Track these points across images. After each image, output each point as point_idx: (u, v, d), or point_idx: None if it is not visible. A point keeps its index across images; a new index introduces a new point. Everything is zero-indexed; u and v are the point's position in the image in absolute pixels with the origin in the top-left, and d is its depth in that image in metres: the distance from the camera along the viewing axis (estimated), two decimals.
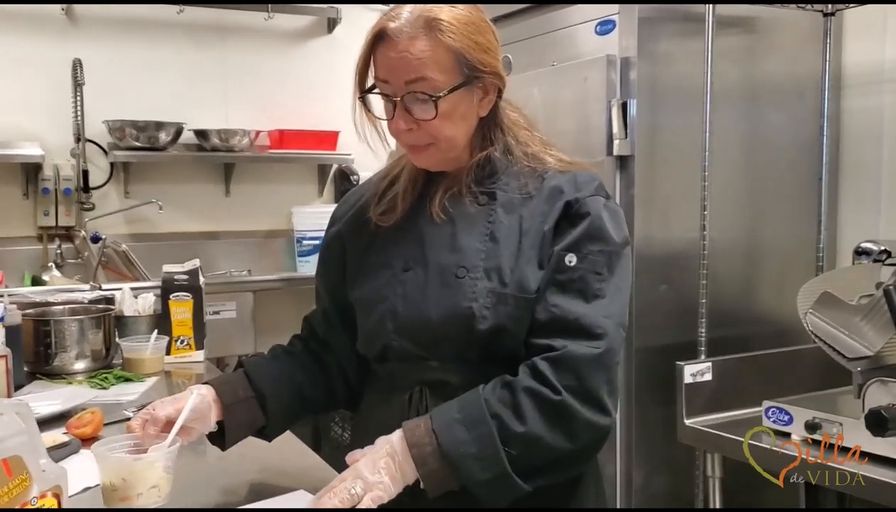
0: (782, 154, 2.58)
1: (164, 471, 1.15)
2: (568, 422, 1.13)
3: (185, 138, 3.93)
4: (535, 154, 1.29)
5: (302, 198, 4.35)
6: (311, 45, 4.35)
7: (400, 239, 1.29)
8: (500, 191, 1.25)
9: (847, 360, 1.76)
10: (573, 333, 1.15)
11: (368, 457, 1.14)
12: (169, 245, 3.87)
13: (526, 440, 1.11)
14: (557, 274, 1.18)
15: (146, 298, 2.28)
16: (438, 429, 1.11)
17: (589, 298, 1.17)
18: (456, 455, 1.10)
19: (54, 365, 2.04)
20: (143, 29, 3.95)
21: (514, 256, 1.20)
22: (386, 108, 1.26)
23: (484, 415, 1.12)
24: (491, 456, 1.10)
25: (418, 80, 1.18)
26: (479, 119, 1.26)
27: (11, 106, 3.68)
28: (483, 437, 1.11)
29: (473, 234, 1.23)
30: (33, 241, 3.77)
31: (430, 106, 1.19)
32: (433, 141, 1.23)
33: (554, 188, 1.23)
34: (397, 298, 1.25)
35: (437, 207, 1.26)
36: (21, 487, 0.97)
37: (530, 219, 1.22)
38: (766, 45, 2.55)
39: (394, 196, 1.33)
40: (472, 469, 1.10)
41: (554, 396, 1.12)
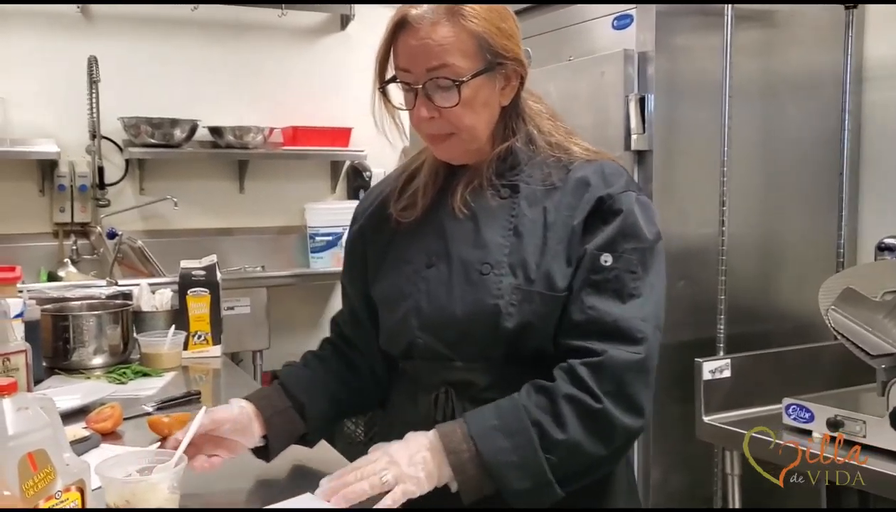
0: (801, 149, 2.56)
1: (169, 491, 1.12)
2: (607, 429, 1.12)
3: (199, 135, 3.94)
4: (559, 143, 1.26)
5: (315, 194, 4.35)
6: (324, 42, 4.35)
7: (421, 234, 1.28)
8: (523, 183, 1.23)
9: (871, 357, 1.74)
10: (612, 337, 1.14)
11: (404, 448, 1.12)
12: (184, 241, 3.88)
13: (566, 447, 1.10)
14: (593, 274, 1.16)
15: (163, 293, 2.28)
16: (477, 436, 1.10)
17: (625, 297, 1.15)
18: (496, 463, 1.08)
19: (73, 360, 2.04)
20: (158, 26, 3.96)
21: (540, 250, 1.18)
22: (406, 99, 1.24)
23: (524, 423, 1.11)
24: (532, 464, 1.09)
25: (441, 66, 1.16)
26: (500, 109, 1.24)
27: (27, 103, 3.70)
28: (524, 445, 1.09)
29: (496, 229, 1.21)
30: (49, 238, 3.79)
31: (452, 93, 1.17)
32: (454, 130, 1.20)
33: (580, 180, 1.21)
34: (420, 294, 1.23)
35: (458, 202, 1.24)
36: (46, 480, 0.96)
37: (555, 211, 1.20)
38: (785, 39, 2.53)
39: (414, 191, 1.31)
40: (512, 477, 1.09)
41: (595, 404, 1.11)
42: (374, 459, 1.11)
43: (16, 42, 3.70)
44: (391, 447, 1.12)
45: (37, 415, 0.97)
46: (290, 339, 4.23)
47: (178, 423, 1.51)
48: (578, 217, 1.18)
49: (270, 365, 3.96)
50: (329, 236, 4.19)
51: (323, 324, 4.44)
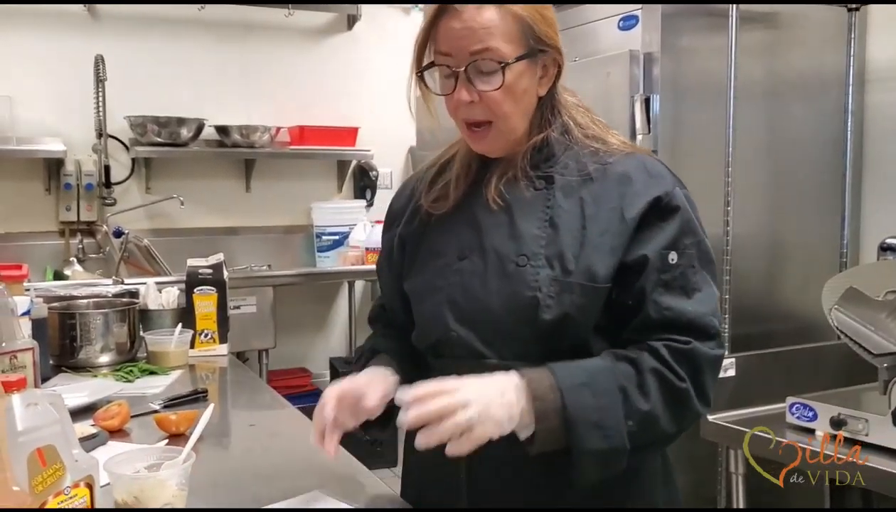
0: (805, 149, 2.56)
1: (177, 488, 1.13)
2: (684, 410, 1.14)
3: (206, 134, 3.96)
4: (596, 135, 1.25)
5: (321, 193, 4.37)
6: (331, 42, 4.36)
7: (453, 227, 1.26)
8: (558, 174, 1.21)
9: (873, 356, 1.74)
10: (691, 332, 1.15)
11: (491, 386, 1.08)
12: (190, 240, 3.90)
13: (645, 419, 1.11)
14: (662, 274, 1.15)
15: (170, 291, 2.29)
16: (565, 389, 1.08)
17: (689, 293, 1.16)
18: (579, 420, 1.08)
19: (80, 358, 2.05)
20: (165, 26, 3.98)
21: (578, 242, 1.16)
22: (444, 85, 1.22)
23: (611, 385, 1.11)
24: (613, 428, 1.09)
25: (485, 50, 1.15)
26: (537, 99, 1.23)
27: (34, 102, 3.72)
28: (609, 407, 1.09)
29: (531, 220, 1.19)
30: (55, 236, 3.81)
31: (494, 77, 1.16)
32: (492, 117, 1.19)
33: (622, 174, 1.19)
34: (454, 287, 1.21)
35: (492, 193, 1.22)
36: (55, 476, 0.97)
37: (594, 203, 1.18)
38: (789, 41, 2.54)
39: (446, 183, 1.29)
40: (590, 437, 1.08)
41: (679, 383, 1.13)
42: (456, 390, 1.06)
43: (23, 41, 3.72)
44: (476, 382, 1.08)
45: (46, 411, 0.99)
46: (296, 338, 4.25)
47: (186, 420, 1.52)
48: (630, 212, 1.16)
49: (276, 364, 3.98)
50: (335, 235, 4.20)
51: (329, 323, 4.46)
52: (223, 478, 1.36)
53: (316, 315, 4.41)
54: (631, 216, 1.16)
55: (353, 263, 4.09)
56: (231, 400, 1.93)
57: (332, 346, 4.43)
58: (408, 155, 4.51)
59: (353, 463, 1.44)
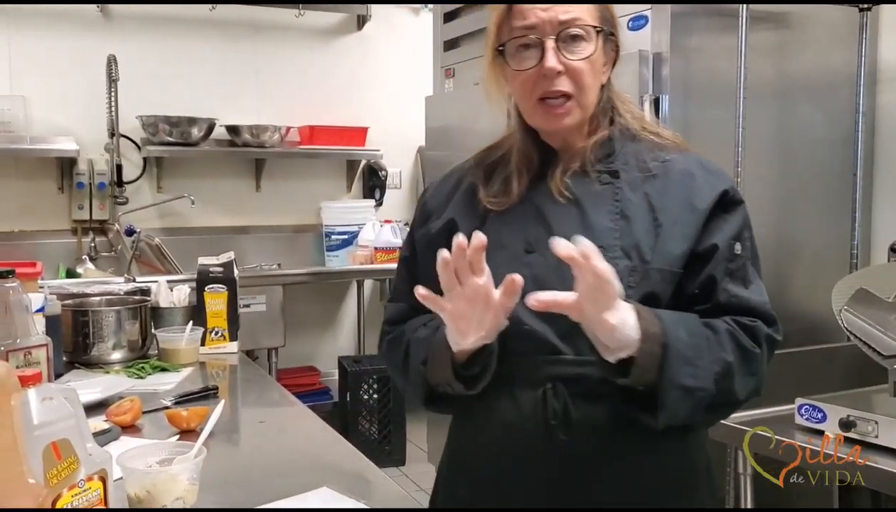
0: (815, 150, 2.56)
1: (188, 482, 1.14)
2: (754, 374, 1.18)
3: (216, 134, 3.98)
4: (651, 130, 1.28)
5: (331, 193, 4.39)
6: (341, 42, 4.38)
7: (515, 220, 1.24)
8: (621, 169, 1.24)
9: (883, 357, 1.74)
10: (755, 316, 1.20)
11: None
12: (200, 239, 3.92)
13: (727, 370, 1.14)
14: (729, 263, 1.20)
15: (181, 289, 2.31)
16: (665, 320, 1.11)
17: (746, 284, 1.21)
18: (675, 352, 1.10)
19: (92, 355, 2.07)
20: (177, 26, 4.01)
21: (651, 232, 1.19)
22: (524, 60, 1.20)
23: (702, 329, 1.14)
24: (702, 367, 1.12)
25: (574, 19, 1.18)
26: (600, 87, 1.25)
27: (47, 101, 3.75)
28: (699, 347, 1.12)
29: (603, 213, 1.21)
30: (68, 235, 3.84)
31: (583, 45, 1.19)
32: (574, 91, 1.19)
33: (683, 170, 1.23)
34: (525, 280, 1.16)
35: (559, 186, 1.23)
36: (69, 469, 0.99)
37: (660, 196, 1.21)
38: (800, 41, 2.53)
39: (505, 178, 1.27)
40: (682, 371, 1.10)
41: (753, 348, 1.17)
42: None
43: (37, 42, 3.75)
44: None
45: (61, 405, 1.00)
46: (305, 337, 4.27)
47: (197, 416, 1.54)
48: (700, 203, 1.20)
49: (285, 363, 3.99)
50: (344, 235, 4.22)
51: (338, 322, 4.48)
52: (233, 474, 1.38)
53: (325, 314, 4.43)
54: (702, 207, 1.20)
55: (362, 262, 4.10)
56: (241, 397, 1.95)
57: (340, 345, 4.44)
58: (417, 155, 4.52)
59: (361, 460, 1.45)
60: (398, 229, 4.15)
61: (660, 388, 1.10)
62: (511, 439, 1.21)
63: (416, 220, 1.38)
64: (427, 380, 1.23)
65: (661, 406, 1.11)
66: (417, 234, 1.35)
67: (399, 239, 4.11)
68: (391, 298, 1.40)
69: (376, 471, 1.40)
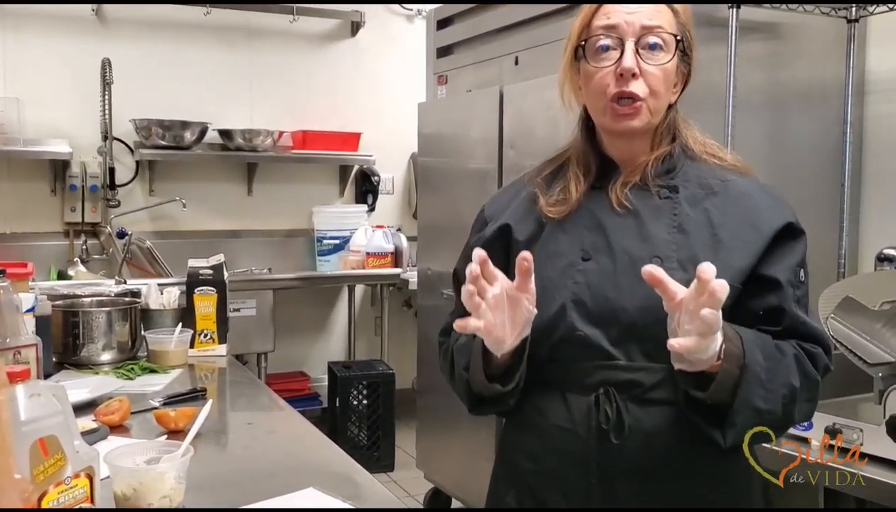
0: (805, 159, 2.58)
1: (175, 481, 1.15)
2: (810, 401, 1.20)
3: (209, 138, 3.99)
4: (712, 152, 1.31)
5: (323, 198, 4.40)
6: (335, 48, 4.40)
7: (572, 228, 1.26)
8: (682, 185, 1.26)
9: (868, 365, 1.75)
10: (817, 343, 1.22)
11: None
12: (192, 242, 3.92)
13: (791, 395, 1.15)
14: (796, 290, 1.22)
15: (171, 292, 2.32)
16: (745, 340, 1.13)
17: (807, 311, 1.25)
18: (752, 372, 1.12)
19: (82, 355, 2.07)
20: (171, 30, 4.01)
21: (711, 247, 1.20)
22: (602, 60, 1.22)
23: (775, 352, 1.16)
24: (773, 391, 1.14)
25: (656, 27, 1.21)
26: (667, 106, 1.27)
27: (41, 104, 3.75)
28: (773, 370, 1.14)
29: (661, 226, 1.22)
30: (60, 237, 3.84)
31: (660, 53, 1.21)
32: (646, 95, 1.21)
33: (744, 192, 1.26)
34: (580, 286, 1.20)
35: (619, 197, 1.24)
36: (56, 466, 0.99)
37: (721, 214, 1.23)
38: (790, 51, 2.55)
39: (564, 187, 1.29)
40: (755, 392, 1.12)
41: (815, 374, 1.19)
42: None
43: (31, 44, 3.76)
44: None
45: (49, 402, 1.00)
46: (295, 341, 4.27)
47: (185, 417, 1.54)
48: (764, 227, 1.22)
49: (275, 367, 3.99)
50: (336, 240, 4.22)
51: (328, 327, 4.48)
52: (220, 474, 1.38)
53: (315, 319, 4.43)
54: (765, 230, 1.22)
55: (354, 267, 4.11)
56: (229, 399, 1.95)
57: (331, 350, 4.44)
58: (409, 161, 4.53)
59: (349, 462, 1.45)
60: (390, 234, 4.16)
61: (733, 407, 1.12)
62: (563, 444, 1.22)
63: (473, 229, 1.39)
64: (471, 385, 1.25)
65: (732, 425, 1.13)
66: (473, 240, 1.35)
67: (391, 244, 4.12)
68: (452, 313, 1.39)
69: (364, 473, 1.40)
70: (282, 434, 1.64)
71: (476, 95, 3.01)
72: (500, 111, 2.84)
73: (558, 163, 1.34)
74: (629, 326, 1.18)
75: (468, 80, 3.12)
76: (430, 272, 3.29)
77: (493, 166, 2.87)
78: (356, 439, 3.79)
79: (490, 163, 2.89)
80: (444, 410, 3.15)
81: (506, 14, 2.91)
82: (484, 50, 3.04)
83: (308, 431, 1.64)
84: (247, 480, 1.36)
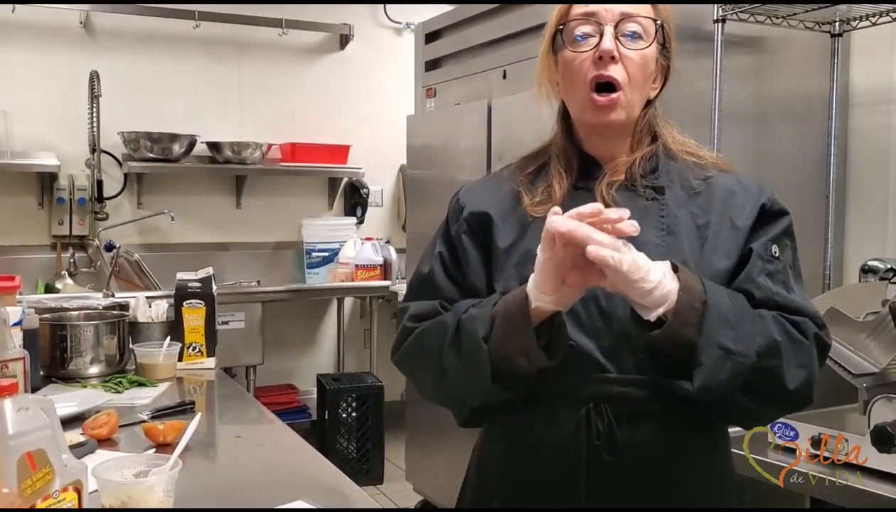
0: (790, 172, 2.60)
1: (164, 494, 1.14)
2: (801, 366, 1.14)
3: (198, 150, 3.99)
4: (691, 151, 1.30)
5: (312, 210, 4.40)
6: (323, 61, 4.41)
7: None
8: (666, 186, 1.25)
9: (853, 376, 1.77)
10: (802, 315, 1.18)
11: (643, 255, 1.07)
12: (180, 255, 3.92)
13: (770, 347, 1.11)
14: (767, 263, 1.20)
15: (159, 305, 2.31)
16: (708, 286, 1.11)
17: (789, 288, 1.20)
18: (716, 309, 1.09)
19: (69, 369, 2.06)
20: (160, 43, 4.02)
21: (697, 248, 1.20)
22: (580, 46, 1.22)
23: (747, 305, 1.14)
24: (743, 333, 1.10)
25: (635, 14, 1.20)
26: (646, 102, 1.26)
27: (29, 116, 3.74)
28: (742, 315, 1.12)
29: (649, 230, 1.20)
30: (47, 250, 3.83)
31: (639, 40, 1.20)
32: (624, 83, 1.20)
33: (726, 190, 1.25)
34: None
35: (606, 198, 1.21)
36: (44, 480, 0.99)
37: (704, 213, 1.23)
38: (775, 65, 2.58)
39: (547, 185, 1.27)
40: (721, 330, 1.08)
41: (801, 338, 1.15)
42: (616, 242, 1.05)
43: (19, 56, 3.75)
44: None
45: (37, 415, 1.00)
46: (284, 354, 4.26)
47: (173, 430, 1.54)
48: (741, 221, 1.22)
49: (264, 380, 3.98)
50: (325, 252, 4.22)
51: (318, 340, 4.47)
52: (209, 487, 1.38)
53: (304, 331, 4.42)
54: (743, 224, 1.22)
55: (343, 279, 4.10)
56: (218, 412, 1.95)
57: (320, 362, 4.43)
58: (399, 173, 4.54)
59: (338, 475, 1.45)
60: (379, 247, 4.16)
61: (698, 346, 1.08)
62: (548, 461, 1.19)
63: (449, 217, 1.34)
64: (492, 358, 1.13)
65: (698, 365, 1.08)
66: (453, 229, 1.31)
67: (380, 257, 4.13)
68: (410, 297, 1.34)
69: (353, 486, 1.40)
70: (270, 447, 1.64)
71: (464, 108, 3.03)
72: (488, 124, 2.86)
73: (540, 160, 1.32)
74: (621, 334, 1.16)
75: (457, 93, 3.14)
76: None
77: None
78: (345, 452, 3.78)
79: (478, 175, 2.88)
80: (433, 423, 3.15)
81: (493, 28, 2.94)
82: (472, 63, 3.06)
83: (297, 444, 1.64)
84: (235, 493, 1.36)
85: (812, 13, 2.30)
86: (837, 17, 2.39)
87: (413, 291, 1.34)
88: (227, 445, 1.69)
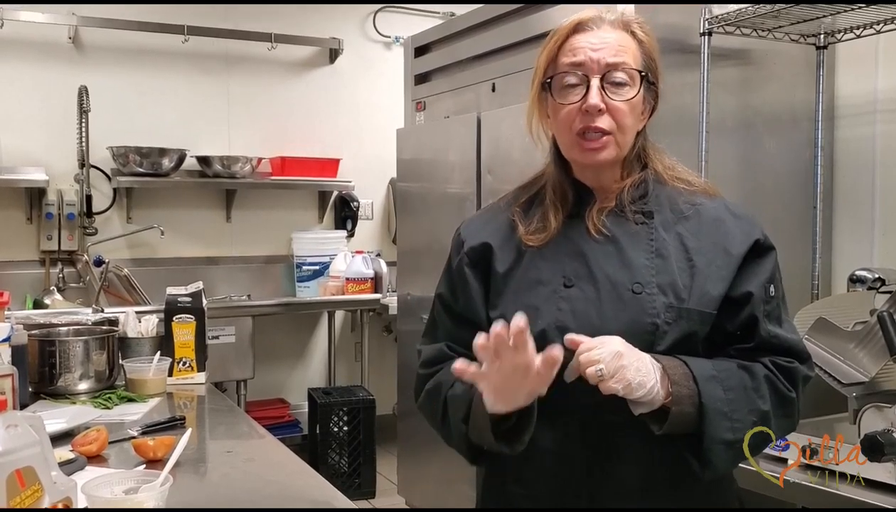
0: (777, 183, 2.62)
1: None
2: (790, 417, 1.24)
3: (187, 164, 3.99)
4: (679, 176, 1.34)
5: (302, 224, 4.39)
6: (313, 75, 4.42)
7: (552, 256, 1.27)
8: (655, 210, 1.28)
9: (842, 385, 1.78)
10: (791, 355, 1.26)
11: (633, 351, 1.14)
12: (170, 270, 3.91)
13: (762, 419, 1.20)
14: (766, 305, 1.25)
15: (149, 320, 2.30)
16: (700, 379, 1.16)
17: (781, 322, 1.28)
18: (712, 409, 1.16)
19: (59, 385, 2.05)
20: (149, 57, 4.02)
21: (687, 272, 1.23)
22: (571, 95, 1.25)
23: (740, 382, 1.20)
24: (740, 420, 1.18)
25: (621, 63, 1.23)
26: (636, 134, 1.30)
27: (17, 131, 3.73)
28: (736, 401, 1.18)
29: (639, 252, 1.24)
30: (36, 265, 3.81)
31: (626, 89, 1.23)
32: (613, 129, 1.23)
33: (714, 216, 1.29)
34: (563, 313, 1.22)
35: (597, 224, 1.26)
36: (33, 497, 0.99)
37: (694, 238, 1.26)
38: (761, 76, 2.60)
39: (542, 214, 1.31)
40: (719, 426, 1.16)
41: (788, 392, 1.22)
42: (601, 344, 1.14)
43: (7, 71, 3.75)
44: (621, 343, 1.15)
45: (26, 433, 1.00)
46: (275, 368, 4.25)
47: (163, 446, 1.53)
48: (735, 249, 1.26)
49: (254, 394, 3.97)
50: (316, 266, 4.22)
51: (308, 353, 4.46)
52: (200, 503, 1.37)
53: (295, 345, 4.41)
54: (735, 252, 1.25)
55: (334, 293, 4.10)
56: (208, 427, 1.94)
57: (310, 376, 4.42)
58: (389, 186, 4.55)
59: (329, 490, 1.45)
60: (370, 260, 4.16)
61: (703, 447, 1.16)
62: (551, 467, 1.24)
63: (451, 253, 1.38)
64: (470, 438, 1.23)
65: (707, 463, 1.17)
66: (454, 262, 1.35)
67: (371, 270, 4.13)
68: (425, 337, 1.39)
69: (345, 501, 1.40)
70: (261, 462, 1.63)
71: (454, 121, 3.04)
72: (477, 137, 2.87)
73: (534, 189, 1.35)
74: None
75: (446, 107, 3.15)
76: (410, 297, 3.29)
77: (471, 191, 2.89)
78: (337, 466, 3.76)
79: (468, 188, 2.91)
80: (424, 436, 3.14)
81: (482, 41, 2.95)
82: (461, 77, 3.07)
83: (288, 459, 1.63)
84: (226, 508, 1.35)
85: (797, 26, 2.32)
86: (822, 29, 2.41)
87: (426, 331, 1.41)
88: (218, 460, 1.68)
